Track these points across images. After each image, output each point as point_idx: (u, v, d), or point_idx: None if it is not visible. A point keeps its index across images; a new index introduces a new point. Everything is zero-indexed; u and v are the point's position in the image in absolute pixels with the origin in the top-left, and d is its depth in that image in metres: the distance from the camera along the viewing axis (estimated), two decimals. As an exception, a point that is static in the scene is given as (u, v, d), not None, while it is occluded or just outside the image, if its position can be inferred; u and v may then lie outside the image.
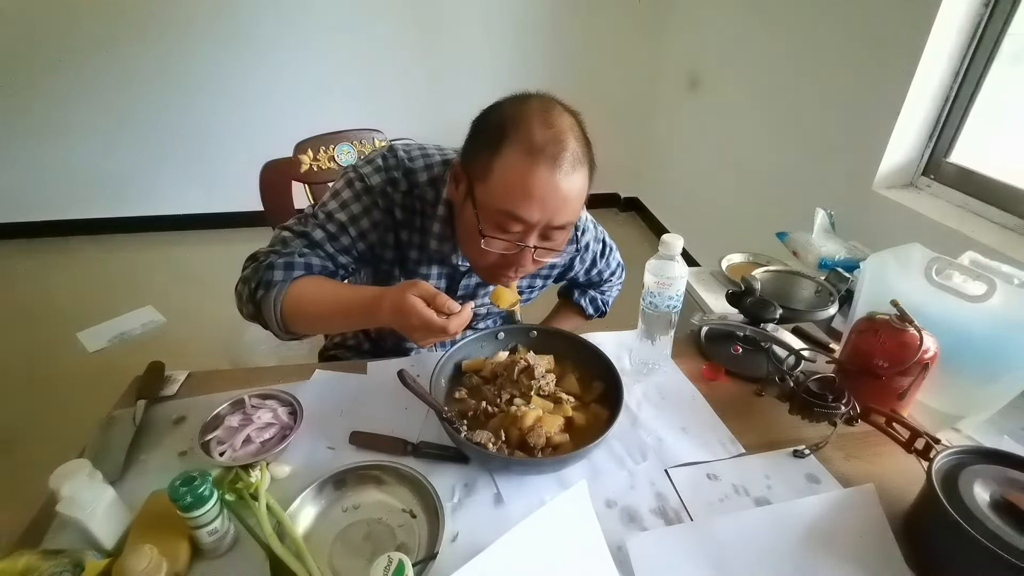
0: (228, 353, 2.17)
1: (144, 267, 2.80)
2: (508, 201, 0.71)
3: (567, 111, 0.74)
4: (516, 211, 0.71)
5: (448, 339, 0.71)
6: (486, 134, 0.73)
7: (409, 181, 0.85)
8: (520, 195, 0.70)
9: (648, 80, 3.13)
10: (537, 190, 0.70)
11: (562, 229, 0.75)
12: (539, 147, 0.69)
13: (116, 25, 2.52)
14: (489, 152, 0.72)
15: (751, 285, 1.01)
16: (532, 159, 0.69)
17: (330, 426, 0.80)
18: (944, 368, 0.83)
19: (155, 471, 0.72)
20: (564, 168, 0.70)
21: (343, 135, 1.30)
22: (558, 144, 0.70)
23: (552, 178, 0.70)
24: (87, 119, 2.70)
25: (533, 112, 0.71)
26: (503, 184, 0.71)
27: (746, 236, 2.26)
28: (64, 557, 0.55)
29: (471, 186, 0.75)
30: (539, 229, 0.74)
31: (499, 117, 0.73)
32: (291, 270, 0.80)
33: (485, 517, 0.68)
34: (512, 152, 0.70)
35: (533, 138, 0.69)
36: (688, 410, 0.88)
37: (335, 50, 2.75)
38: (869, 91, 1.70)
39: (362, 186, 0.84)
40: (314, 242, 0.83)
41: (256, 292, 0.80)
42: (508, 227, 0.73)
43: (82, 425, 0.78)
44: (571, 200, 0.72)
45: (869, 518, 0.69)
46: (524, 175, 0.70)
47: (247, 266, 0.83)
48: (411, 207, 0.86)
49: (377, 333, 1.07)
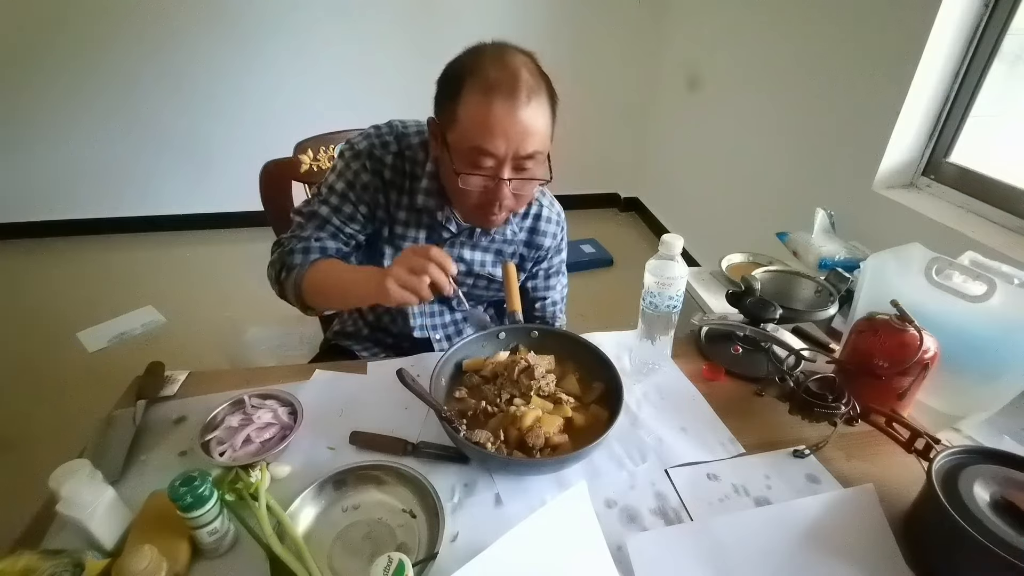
0: (228, 353, 2.17)
1: (144, 267, 2.80)
2: (474, 138, 0.77)
3: (520, 52, 0.80)
4: (483, 145, 0.77)
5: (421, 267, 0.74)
6: (448, 85, 0.80)
7: (400, 144, 0.92)
8: (483, 130, 0.76)
9: (648, 80, 3.13)
10: (498, 123, 0.75)
11: (531, 158, 0.80)
12: (494, 84, 0.75)
13: (117, 25, 2.52)
14: (451, 101, 0.78)
15: (751, 285, 1.01)
16: (489, 96, 0.75)
17: (330, 426, 0.80)
18: (944, 368, 0.83)
19: (155, 471, 0.72)
20: (521, 99, 0.75)
21: (343, 135, 1.29)
22: (512, 79, 0.75)
23: (511, 109, 0.75)
24: (87, 119, 2.70)
25: (486, 57, 0.77)
26: (467, 124, 0.77)
27: (746, 236, 2.26)
28: (64, 557, 0.55)
29: (443, 135, 0.82)
30: (509, 161, 0.79)
31: (458, 67, 0.79)
32: (308, 254, 0.90)
33: (485, 517, 0.68)
34: (470, 94, 0.76)
35: (488, 78, 0.75)
36: (688, 410, 0.88)
37: (335, 50, 2.75)
38: (869, 91, 1.70)
39: (351, 153, 0.91)
40: (323, 219, 0.92)
41: (280, 274, 0.91)
42: (480, 162, 0.79)
43: (82, 425, 0.78)
44: (533, 128, 0.77)
45: (869, 518, 0.69)
46: (483, 111, 0.75)
47: (274, 251, 0.94)
48: (400, 168, 0.92)
49: (375, 317, 1.09)
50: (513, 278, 0.97)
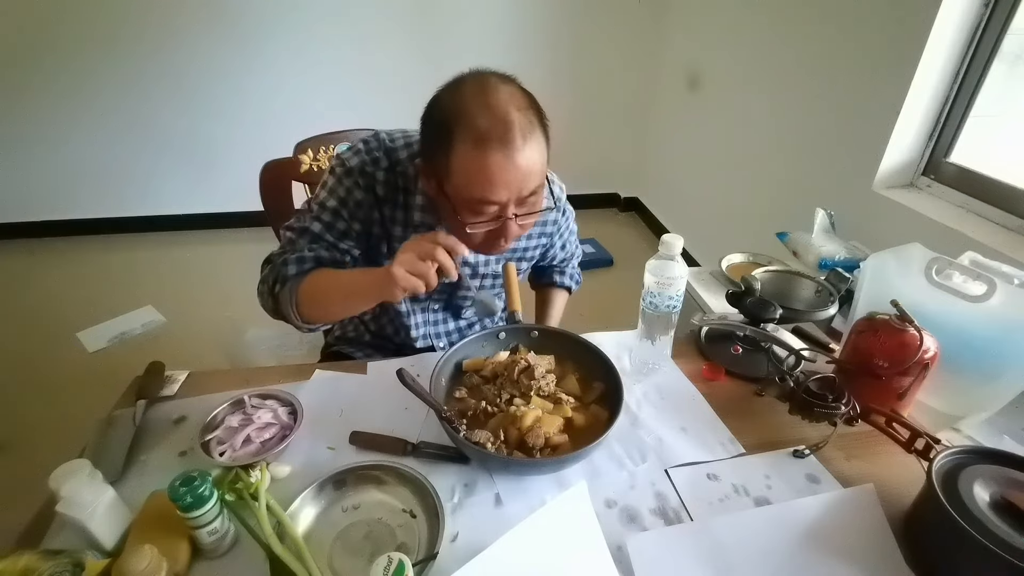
0: (228, 353, 2.17)
1: (144, 267, 2.80)
2: (474, 191, 0.74)
3: (502, 82, 0.75)
4: (485, 196, 0.74)
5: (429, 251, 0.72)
6: (435, 133, 0.76)
7: (390, 159, 0.88)
8: (483, 183, 0.73)
9: (648, 80, 3.13)
10: (497, 174, 0.72)
11: (534, 194, 0.79)
12: (484, 134, 0.70)
13: (117, 25, 2.52)
14: (443, 152, 0.74)
15: (751, 285, 1.01)
16: (482, 148, 0.71)
17: (330, 426, 0.80)
18: (944, 368, 0.83)
19: (155, 471, 0.72)
20: (516, 144, 0.71)
21: (343, 135, 1.30)
22: (503, 125, 0.71)
23: (507, 158, 0.71)
24: (88, 119, 2.70)
25: (468, 98, 0.72)
26: (464, 178, 0.74)
27: (746, 236, 2.26)
28: (64, 557, 0.55)
29: (439, 183, 0.78)
30: (512, 202, 0.77)
31: (440, 114, 0.75)
32: (303, 264, 0.87)
33: (485, 517, 0.68)
34: (462, 146, 0.72)
35: (478, 128, 0.71)
36: (688, 410, 0.88)
37: (335, 50, 2.74)
38: (869, 91, 1.70)
39: (342, 169, 0.88)
40: (315, 236, 0.89)
41: (274, 288, 0.87)
42: (482, 210, 0.76)
43: (82, 425, 0.78)
44: (532, 169, 0.75)
45: (869, 518, 0.69)
46: (480, 165, 0.72)
47: (264, 268, 0.91)
48: (393, 183, 0.89)
49: (378, 327, 1.08)
50: (513, 278, 0.97)
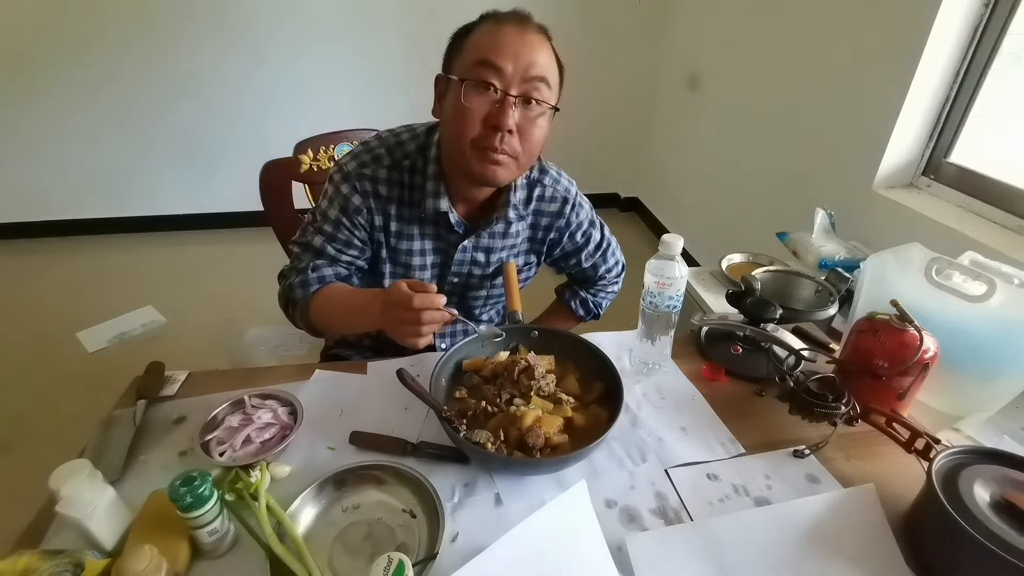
0: (228, 353, 2.17)
1: (144, 267, 2.80)
2: (482, 52, 0.78)
3: None
4: (490, 57, 0.77)
5: (415, 319, 0.71)
6: (458, 34, 0.84)
7: (393, 156, 0.90)
8: (491, 46, 0.78)
9: (648, 80, 3.13)
10: (505, 40, 0.78)
11: (538, 83, 0.80)
12: (504, 16, 0.80)
13: (117, 25, 2.52)
14: (461, 43, 0.82)
15: (751, 285, 1.01)
16: (498, 23, 0.79)
17: (330, 426, 0.80)
18: (944, 368, 0.83)
19: (155, 471, 0.72)
20: (529, 26, 0.80)
21: (343, 135, 1.30)
22: (522, 14, 0.81)
23: (518, 30, 0.79)
24: (87, 119, 2.70)
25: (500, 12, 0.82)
26: (475, 46, 0.80)
27: (746, 236, 2.26)
28: (64, 557, 0.55)
29: (448, 77, 0.82)
30: (515, 80, 0.78)
31: (466, 24, 0.84)
32: (307, 287, 0.90)
33: (485, 517, 0.68)
34: (481, 27, 0.81)
35: (499, 14, 0.81)
36: (688, 410, 0.88)
37: (335, 49, 2.75)
38: (869, 91, 1.70)
39: (340, 175, 0.90)
40: (317, 250, 0.91)
41: (288, 309, 0.94)
42: (486, 77, 0.78)
43: (82, 425, 0.78)
44: (539, 54, 0.79)
45: (869, 518, 0.69)
46: (492, 33, 0.79)
47: (280, 282, 0.96)
48: (397, 180, 0.90)
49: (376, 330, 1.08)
50: (513, 278, 0.96)
